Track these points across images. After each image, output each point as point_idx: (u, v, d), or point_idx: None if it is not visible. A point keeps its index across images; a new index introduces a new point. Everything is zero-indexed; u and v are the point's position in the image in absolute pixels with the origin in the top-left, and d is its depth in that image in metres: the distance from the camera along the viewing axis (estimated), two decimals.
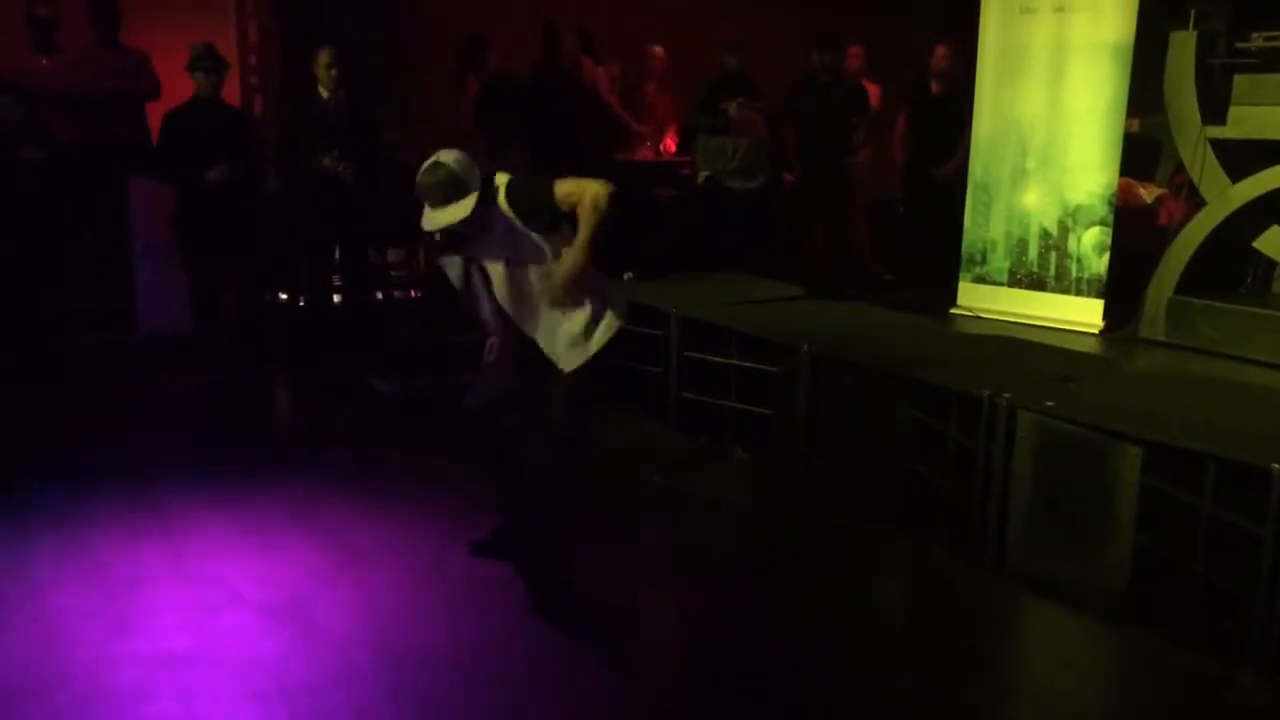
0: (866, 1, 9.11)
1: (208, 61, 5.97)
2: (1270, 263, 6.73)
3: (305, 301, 6.80)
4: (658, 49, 8.31)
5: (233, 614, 3.52)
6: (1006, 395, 3.92)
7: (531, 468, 3.72)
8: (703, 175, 7.77)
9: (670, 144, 8.50)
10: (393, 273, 7.53)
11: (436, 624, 3.51)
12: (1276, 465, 3.13)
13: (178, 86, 6.28)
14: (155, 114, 6.50)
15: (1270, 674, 3.17)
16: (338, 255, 6.47)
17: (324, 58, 5.99)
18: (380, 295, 7.25)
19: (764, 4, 9.14)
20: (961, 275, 7.57)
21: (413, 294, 7.60)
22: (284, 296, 7.09)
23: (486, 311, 3.66)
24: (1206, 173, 6.40)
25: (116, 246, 6.83)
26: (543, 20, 7.79)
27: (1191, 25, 6.45)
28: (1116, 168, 6.87)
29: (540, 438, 3.66)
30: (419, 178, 3.41)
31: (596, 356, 3.57)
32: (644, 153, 8.50)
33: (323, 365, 6.29)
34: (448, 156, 3.42)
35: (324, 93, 6.04)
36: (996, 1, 7.25)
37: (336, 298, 6.57)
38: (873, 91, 8.41)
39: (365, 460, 5.10)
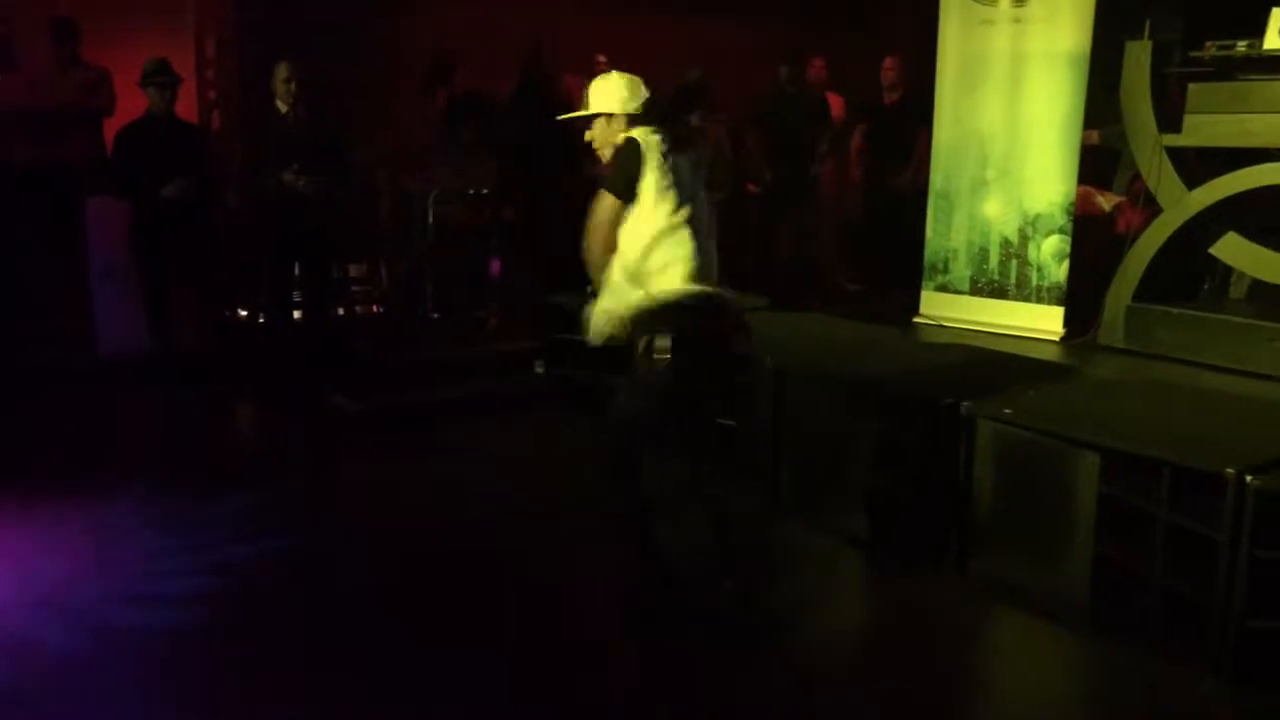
0: (829, 14, 9.18)
1: (161, 76, 5.91)
2: (1226, 269, 6.81)
3: (266, 318, 6.73)
4: (601, 57, 8.33)
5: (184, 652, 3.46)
6: (966, 404, 3.94)
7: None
8: None
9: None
10: (355, 288, 7.47)
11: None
12: (1231, 470, 3.15)
13: (139, 101, 6.20)
14: (112, 130, 6.42)
15: (1230, 680, 3.19)
16: (299, 271, 6.40)
17: (281, 72, 5.94)
18: (342, 311, 7.18)
19: (726, 18, 9.17)
20: (924, 284, 7.61)
21: (375, 309, 7.54)
22: (244, 313, 7.01)
23: None
24: (1163, 181, 6.47)
25: (73, 265, 6.73)
26: (516, 34, 7.82)
27: (1146, 35, 6.53)
28: (1075, 177, 6.93)
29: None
30: None
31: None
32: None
33: (284, 382, 6.21)
34: (616, 74, 3.63)
35: (282, 107, 5.99)
36: (955, 12, 7.31)
37: (298, 314, 6.51)
38: (835, 103, 8.50)
39: (329, 482, 5.04)
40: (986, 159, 7.25)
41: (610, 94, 3.62)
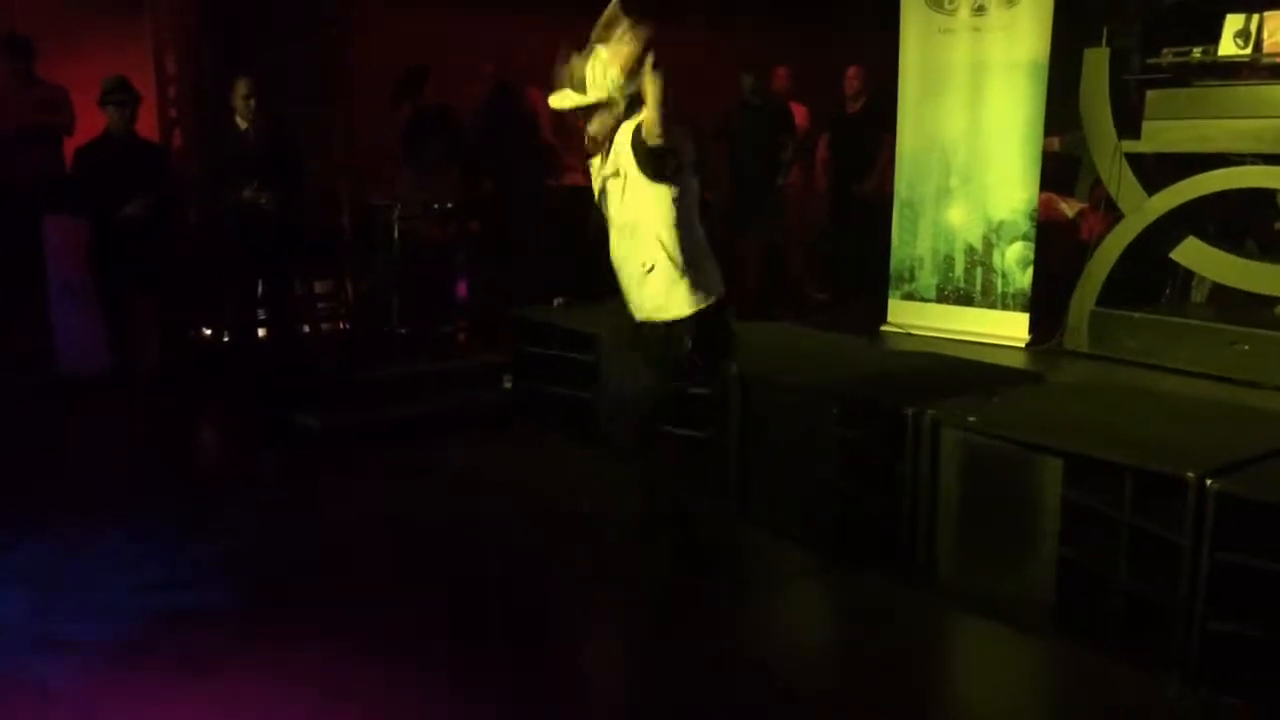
0: (793, 24, 9.23)
1: (120, 94, 5.85)
2: (1188, 273, 6.88)
3: (229, 336, 6.67)
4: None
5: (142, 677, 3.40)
6: (931, 411, 3.94)
7: None
8: None
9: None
10: (320, 304, 7.41)
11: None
12: (1192, 474, 3.17)
13: (98, 120, 6.14)
14: (72, 149, 6.36)
15: (1195, 683, 3.20)
16: (261, 288, 6.35)
17: (241, 88, 5.90)
18: (307, 328, 7.13)
19: (690, 28, 9.19)
20: (890, 293, 7.64)
21: (341, 325, 7.48)
22: (207, 331, 6.94)
23: None
24: (1124, 187, 6.54)
25: (32, 285, 6.65)
26: (482, 47, 7.82)
27: (1104, 42, 6.60)
28: (1037, 184, 6.99)
29: None
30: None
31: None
32: (575, 177, 8.47)
33: (247, 401, 6.15)
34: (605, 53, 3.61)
35: (242, 123, 5.94)
36: (916, 22, 7.36)
37: (261, 331, 6.45)
38: (799, 112, 8.54)
39: (293, 502, 4.98)
40: (950, 167, 7.30)
41: (611, 77, 3.60)
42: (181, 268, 6.47)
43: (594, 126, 3.72)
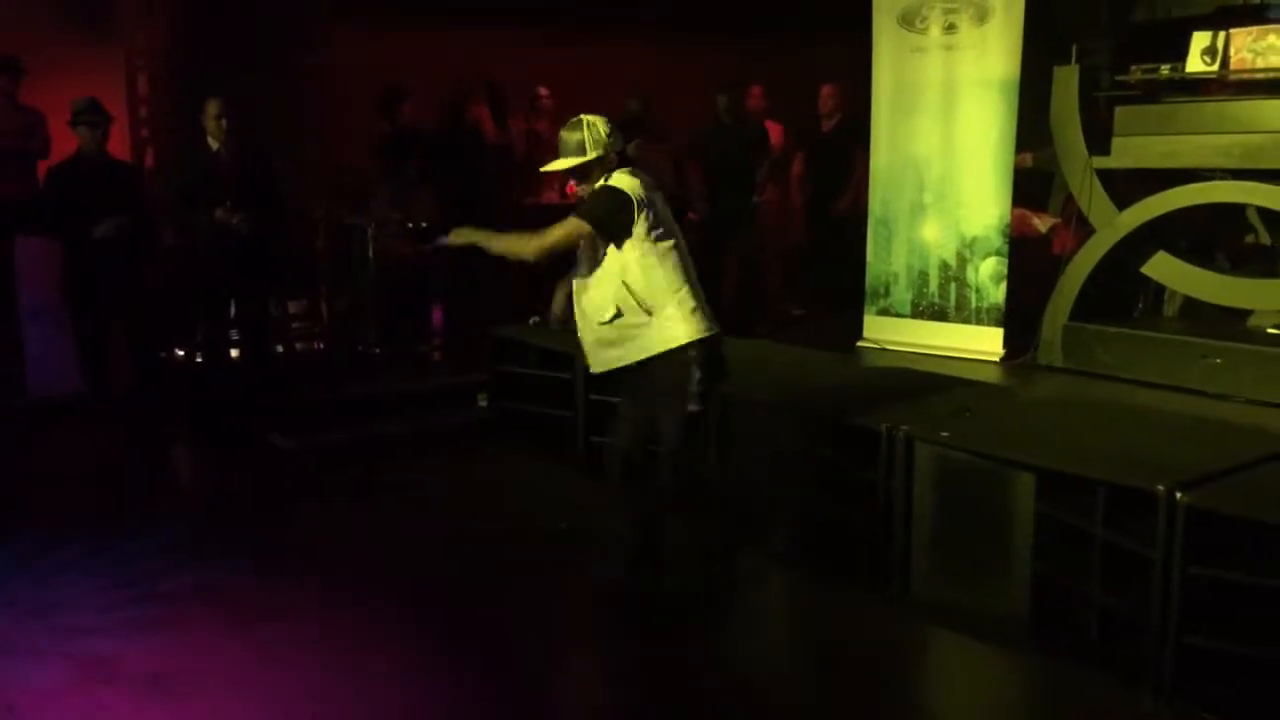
0: (769, 43, 9.28)
1: (91, 115, 5.80)
2: (1159, 287, 6.93)
3: (202, 357, 6.62)
4: (543, 89, 8.35)
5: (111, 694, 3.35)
6: (905, 428, 3.95)
7: None
8: None
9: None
10: (295, 324, 7.37)
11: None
12: (1163, 488, 3.18)
13: (70, 141, 6.10)
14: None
15: (1169, 697, 3.21)
16: (235, 308, 6.31)
17: (212, 108, 5.87)
18: (281, 349, 7.08)
19: (668, 47, 9.24)
20: (866, 308, 7.66)
21: (316, 346, 7.44)
22: (180, 353, 6.88)
23: None
24: (1095, 202, 6.58)
25: (3, 307, 6.59)
26: (456, 67, 7.84)
27: (1074, 60, 6.65)
28: (1009, 199, 7.02)
29: None
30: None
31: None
32: (550, 196, 8.48)
33: (223, 423, 6.10)
34: (590, 117, 3.80)
35: (213, 144, 5.91)
36: (888, 41, 7.41)
37: (235, 352, 6.40)
38: (774, 130, 8.57)
39: (269, 524, 4.94)
40: (923, 184, 7.34)
41: (594, 140, 3.76)
42: (154, 289, 6.42)
43: (583, 189, 3.91)
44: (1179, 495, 3.14)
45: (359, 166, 7.61)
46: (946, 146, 7.21)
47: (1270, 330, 6.28)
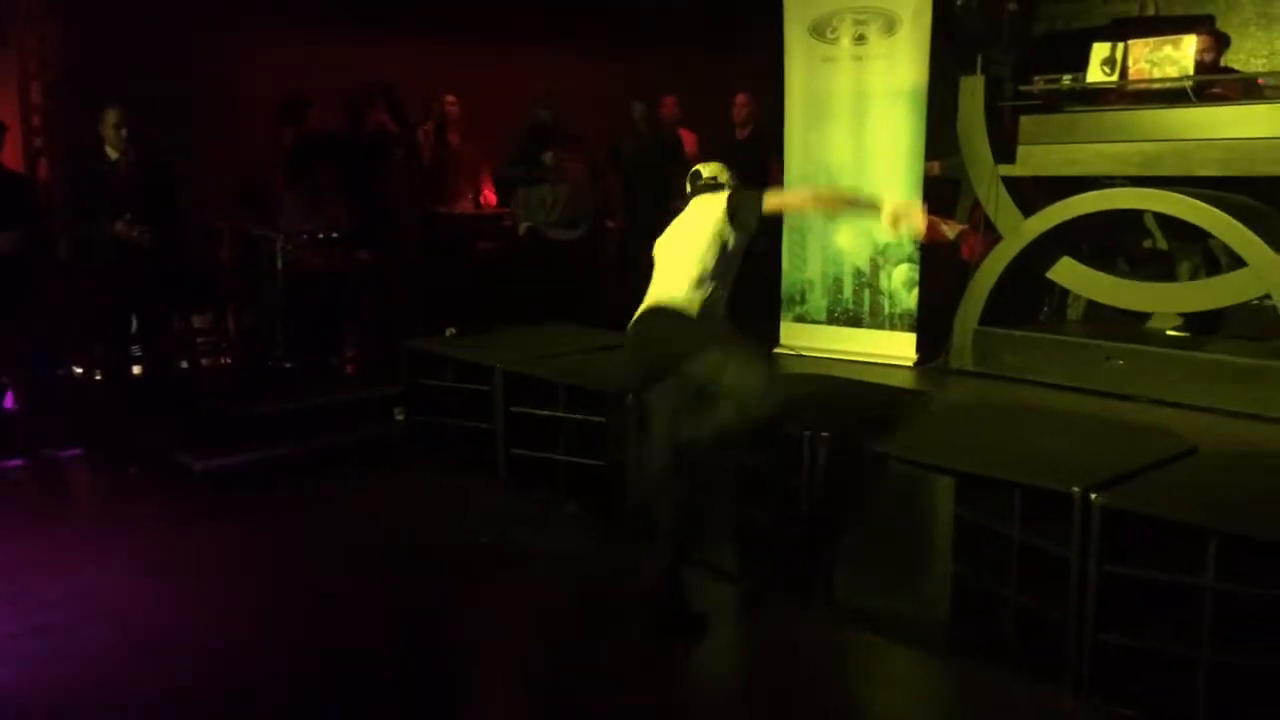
0: (683, 53, 9.31)
1: None
2: (1064, 291, 7.12)
3: (101, 374, 6.38)
4: (450, 97, 8.26)
5: None
6: (824, 433, 3.97)
7: None
8: (524, 227, 7.79)
9: (490, 196, 8.43)
10: (200, 338, 7.15)
11: None
12: (1077, 489, 3.24)
13: None
14: None
15: (1088, 694, 3.26)
16: (136, 323, 6.09)
17: (111, 117, 5.67)
18: (186, 363, 6.87)
19: (588, 57, 9.20)
20: (783, 315, 7.72)
21: (223, 360, 7.23)
22: (79, 370, 6.62)
23: None
24: (1001, 209, 6.73)
25: None
26: (365, 73, 7.71)
27: (980, 70, 6.80)
28: (919, 206, 7.13)
29: None
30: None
31: None
32: (464, 205, 8.39)
33: (124, 441, 5.89)
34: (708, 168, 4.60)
35: (113, 154, 5.71)
36: (799, 51, 7.49)
37: (137, 368, 6.18)
38: (688, 139, 8.60)
39: (167, 545, 4.76)
40: None
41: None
42: (50, 303, 6.16)
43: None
44: (1093, 496, 3.21)
45: (264, 176, 7.43)
46: (858, 154, 7.30)
47: (1170, 332, 6.49)
